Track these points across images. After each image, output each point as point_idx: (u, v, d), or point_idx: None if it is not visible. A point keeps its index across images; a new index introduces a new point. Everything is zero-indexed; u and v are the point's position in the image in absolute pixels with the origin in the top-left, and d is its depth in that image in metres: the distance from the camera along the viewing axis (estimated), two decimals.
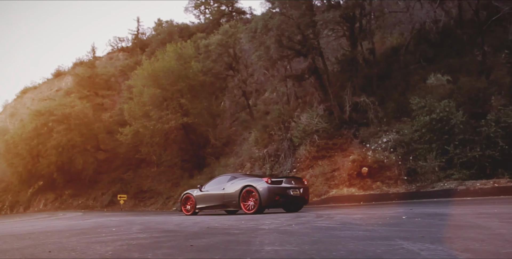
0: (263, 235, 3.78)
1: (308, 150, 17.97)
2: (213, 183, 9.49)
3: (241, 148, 23.31)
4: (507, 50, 18.89)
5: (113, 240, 3.85)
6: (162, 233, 4.63)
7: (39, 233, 5.27)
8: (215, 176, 22.82)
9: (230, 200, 8.49)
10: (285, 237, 3.53)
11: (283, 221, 5.39)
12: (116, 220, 8.23)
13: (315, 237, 3.46)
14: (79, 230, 5.61)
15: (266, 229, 4.37)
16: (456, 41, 21.91)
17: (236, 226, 4.98)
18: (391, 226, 4.08)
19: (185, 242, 3.66)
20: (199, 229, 5.00)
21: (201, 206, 9.33)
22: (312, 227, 4.43)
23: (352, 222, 4.77)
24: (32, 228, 6.82)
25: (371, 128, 18.04)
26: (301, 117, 18.50)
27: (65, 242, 4.00)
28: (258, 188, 7.84)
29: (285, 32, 16.13)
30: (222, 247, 3.14)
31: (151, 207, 27.09)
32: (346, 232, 3.75)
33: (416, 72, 20.84)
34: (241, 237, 3.73)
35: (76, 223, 8.15)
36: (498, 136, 12.48)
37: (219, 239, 3.74)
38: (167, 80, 23.69)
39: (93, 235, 4.70)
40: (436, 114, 13.42)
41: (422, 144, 13.91)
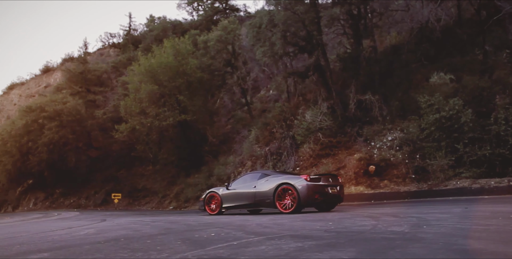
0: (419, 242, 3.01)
1: (312, 148, 17.74)
2: (241, 181, 9.02)
3: (241, 146, 22.95)
4: (508, 50, 19.03)
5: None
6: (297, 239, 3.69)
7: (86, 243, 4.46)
8: (214, 174, 22.52)
9: (263, 199, 8.02)
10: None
11: (370, 223, 4.62)
12: (145, 221, 7.51)
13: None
14: (140, 236, 4.70)
15: (398, 232, 3.75)
16: (457, 40, 21.95)
17: (341, 229, 4.29)
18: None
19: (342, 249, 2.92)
20: (314, 232, 4.22)
21: (228, 205, 8.85)
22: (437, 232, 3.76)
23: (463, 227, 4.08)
24: (56, 235, 6.16)
25: (375, 126, 17.90)
26: (305, 115, 18.21)
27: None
28: (297, 186, 7.38)
29: (291, 28, 15.84)
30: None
31: (146, 206, 26.52)
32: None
33: (418, 71, 20.80)
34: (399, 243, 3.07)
35: (102, 227, 6.77)
36: (508, 135, 12.42)
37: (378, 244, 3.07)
38: (164, 76, 23.18)
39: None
40: (446, 112, 13.31)
41: (431, 142, 13.79)
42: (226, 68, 25.44)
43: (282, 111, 20.98)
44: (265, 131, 21.46)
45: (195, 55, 25.17)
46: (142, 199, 27.42)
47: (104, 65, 37.01)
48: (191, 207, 22.13)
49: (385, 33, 23.92)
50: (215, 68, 25.03)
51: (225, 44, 24.59)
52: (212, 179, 22.33)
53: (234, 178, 9.96)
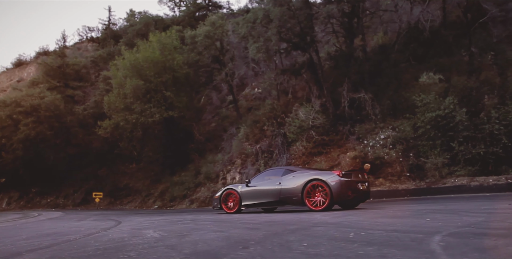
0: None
1: (305, 146, 17.60)
2: (261, 178, 8.56)
3: (229, 143, 22.57)
4: (493, 52, 19.54)
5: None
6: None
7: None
8: (201, 172, 22.03)
9: (289, 196, 7.52)
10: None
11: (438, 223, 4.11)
12: (175, 221, 6.65)
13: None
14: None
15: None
16: (443, 42, 22.41)
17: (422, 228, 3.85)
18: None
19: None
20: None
21: (249, 203, 8.34)
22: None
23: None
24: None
25: (367, 125, 17.96)
26: (298, 112, 18.05)
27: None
28: (329, 182, 6.96)
29: (287, 24, 15.60)
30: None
31: (128, 205, 25.68)
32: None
33: (407, 70, 21.07)
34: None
35: (133, 230, 5.29)
36: (501, 133, 12.65)
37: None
38: (150, 71, 22.47)
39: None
40: (441, 111, 13.43)
41: (426, 141, 13.90)
42: (213, 64, 24.97)
43: (272, 108, 20.76)
44: (255, 128, 21.17)
45: (182, 50, 24.54)
46: (124, 198, 26.54)
47: (83, 60, 35.64)
48: (178, 206, 21.58)
49: (372, 33, 24.10)
50: (203, 64, 24.52)
51: (213, 40, 24.11)
52: (200, 177, 21.86)
53: (254, 175, 9.44)
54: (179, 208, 20.90)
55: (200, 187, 21.25)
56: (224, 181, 20.26)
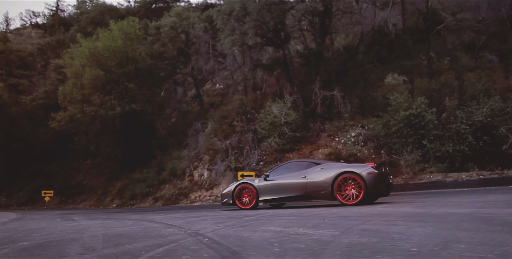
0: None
1: (277, 142, 17.50)
2: (280, 171, 7.91)
3: (195, 139, 21.86)
4: (449, 57, 20.90)
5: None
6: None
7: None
8: (166, 169, 21.10)
9: (317, 190, 7.08)
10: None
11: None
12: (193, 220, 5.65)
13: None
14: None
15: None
16: (404, 46, 23.55)
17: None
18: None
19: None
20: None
21: (268, 198, 7.78)
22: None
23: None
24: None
25: (337, 122, 18.31)
26: (270, 109, 17.90)
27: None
28: (364, 174, 6.61)
29: (265, 18, 15.37)
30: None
31: (82, 204, 23.95)
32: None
33: (372, 71, 21.85)
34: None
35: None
36: (467, 133, 13.45)
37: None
38: (112, 61, 21.11)
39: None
40: (414, 110, 13.99)
41: (399, 138, 14.40)
42: (178, 57, 24.06)
43: (242, 104, 20.41)
44: (223, 124, 20.71)
45: (145, 41, 23.36)
46: (77, 196, 24.71)
47: (29, 46, 32.69)
48: (140, 205, 20.48)
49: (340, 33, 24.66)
50: (167, 57, 23.52)
51: (178, 32, 23.22)
52: (164, 174, 20.93)
53: (271, 169, 8.86)
54: (142, 206, 19.85)
55: (165, 185, 20.36)
56: (191, 178, 19.59)
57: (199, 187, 18.45)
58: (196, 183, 18.87)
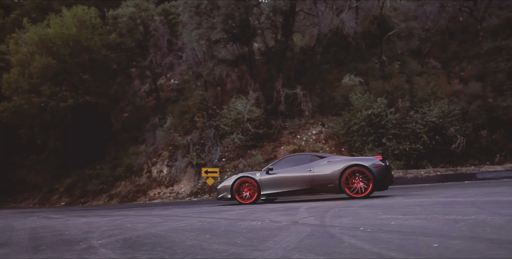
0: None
1: (240, 139, 17.55)
2: (282, 165, 7.80)
3: (152, 134, 21.18)
4: (399, 62, 22.36)
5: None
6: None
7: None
8: (122, 165, 20.22)
9: (323, 183, 7.05)
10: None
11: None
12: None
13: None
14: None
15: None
16: (358, 49, 24.76)
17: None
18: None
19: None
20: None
21: (270, 192, 7.61)
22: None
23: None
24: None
25: (298, 120, 18.80)
26: (234, 104, 17.89)
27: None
28: (372, 168, 6.65)
29: (235, 13, 15.32)
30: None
31: (25, 203, 22.17)
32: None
33: (330, 71, 22.70)
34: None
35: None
36: (422, 132, 14.51)
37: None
38: (65, 50, 19.76)
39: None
40: (375, 109, 14.78)
41: (360, 137, 15.13)
42: (136, 49, 23.13)
43: (203, 99, 20.16)
44: (184, 120, 20.32)
45: (102, 30, 22.16)
46: (18, 194, 22.81)
47: None
48: (93, 202, 19.43)
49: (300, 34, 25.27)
50: (125, 48, 22.51)
51: (137, 23, 22.33)
52: (119, 170, 20.06)
53: (271, 163, 8.57)
54: (95, 204, 18.86)
55: (121, 181, 19.52)
56: (149, 174, 18.98)
57: (158, 184, 17.95)
58: (155, 180, 18.33)
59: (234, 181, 7.88)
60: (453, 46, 23.56)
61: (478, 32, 23.08)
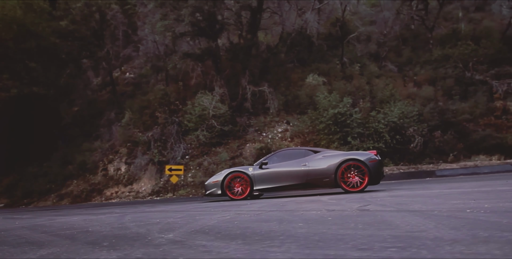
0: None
1: (205, 136, 17.03)
2: (275, 159, 7.49)
3: (108, 130, 19.89)
4: (359, 64, 23.17)
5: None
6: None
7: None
8: (74, 162, 18.73)
9: (319, 178, 6.90)
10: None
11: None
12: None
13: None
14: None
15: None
16: (320, 50, 25.27)
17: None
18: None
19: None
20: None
21: (264, 187, 7.33)
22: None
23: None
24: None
25: (264, 118, 18.69)
26: (199, 100, 17.33)
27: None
28: (368, 162, 6.64)
29: (204, 6, 14.79)
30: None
31: None
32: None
33: (293, 70, 22.88)
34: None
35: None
36: (384, 132, 15.06)
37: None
38: (8, 34, 17.89)
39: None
40: (341, 108, 15.08)
41: (326, 135, 15.35)
42: (92, 39, 21.57)
43: (165, 94, 19.31)
44: (144, 115, 19.30)
45: (52, 16, 20.37)
46: None
47: None
48: (39, 203, 17.74)
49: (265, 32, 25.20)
50: (79, 37, 20.88)
51: (92, 11, 20.83)
52: (71, 168, 18.58)
53: (263, 157, 8.18)
54: (42, 205, 17.26)
55: (72, 180, 18.06)
56: (105, 172, 17.77)
57: (116, 183, 16.86)
58: (111, 178, 17.20)
59: (225, 176, 7.50)
60: (407, 51, 24.87)
61: (428, 40, 24.58)
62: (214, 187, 7.61)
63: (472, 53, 20.53)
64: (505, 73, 20.01)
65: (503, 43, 22.29)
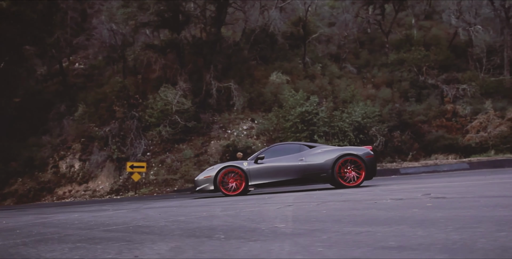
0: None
1: (168, 132, 16.32)
2: (270, 154, 7.22)
3: (59, 124, 18.35)
4: (320, 64, 23.62)
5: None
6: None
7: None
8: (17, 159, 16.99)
9: (316, 173, 6.79)
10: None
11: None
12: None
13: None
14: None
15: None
16: (282, 48, 25.38)
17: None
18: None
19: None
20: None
21: (260, 183, 7.04)
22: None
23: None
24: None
25: (228, 114, 18.32)
26: (163, 94, 16.55)
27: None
28: (364, 157, 6.63)
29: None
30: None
31: None
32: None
33: (257, 68, 22.73)
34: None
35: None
36: (349, 130, 15.43)
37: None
38: None
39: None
40: (309, 107, 15.19)
41: (293, 133, 15.38)
42: (39, 23, 19.70)
43: (123, 87, 18.20)
44: (100, 108, 18.06)
45: None
46: None
47: None
48: None
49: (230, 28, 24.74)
50: (24, 20, 18.98)
51: None
52: (15, 164, 16.86)
53: (257, 152, 7.73)
54: None
55: (17, 178, 16.39)
56: (56, 169, 16.36)
57: (69, 181, 15.60)
58: (64, 176, 15.88)
59: (218, 171, 7.10)
60: (364, 54, 25.79)
61: (384, 44, 25.67)
62: (206, 182, 7.19)
63: (424, 59, 21.72)
64: (453, 78, 21.44)
65: (451, 51, 23.93)
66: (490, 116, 15.94)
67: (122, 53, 17.30)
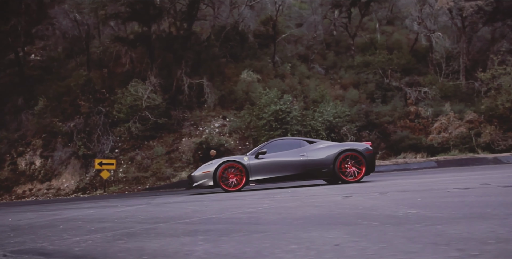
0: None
1: (138, 128, 15.76)
2: (270, 149, 7.11)
3: (16, 118, 17.12)
4: (290, 64, 23.90)
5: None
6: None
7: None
8: None
9: (317, 168, 6.78)
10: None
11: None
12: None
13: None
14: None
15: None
16: (252, 47, 25.37)
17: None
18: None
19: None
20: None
21: (262, 178, 6.91)
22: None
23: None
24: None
25: (200, 112, 18.02)
26: (133, 89, 15.95)
27: None
28: (365, 153, 6.70)
29: None
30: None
31: None
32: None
33: (227, 65, 22.54)
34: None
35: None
36: (321, 129, 15.75)
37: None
38: None
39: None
40: (283, 105, 15.30)
41: (267, 131, 15.42)
42: None
43: (88, 81, 17.34)
44: (63, 102, 17.05)
45: None
46: None
47: None
48: None
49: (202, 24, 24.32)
50: None
51: None
52: None
53: (255, 147, 7.48)
54: None
55: None
56: (13, 166, 15.24)
57: (29, 179, 14.59)
58: (23, 174, 14.82)
59: (218, 166, 6.92)
60: (331, 55, 26.42)
61: (350, 46, 26.46)
62: (204, 178, 6.98)
63: (388, 62, 22.66)
64: (415, 81, 22.53)
65: (412, 55, 25.14)
66: (451, 118, 16.92)
67: (86, 45, 16.40)
